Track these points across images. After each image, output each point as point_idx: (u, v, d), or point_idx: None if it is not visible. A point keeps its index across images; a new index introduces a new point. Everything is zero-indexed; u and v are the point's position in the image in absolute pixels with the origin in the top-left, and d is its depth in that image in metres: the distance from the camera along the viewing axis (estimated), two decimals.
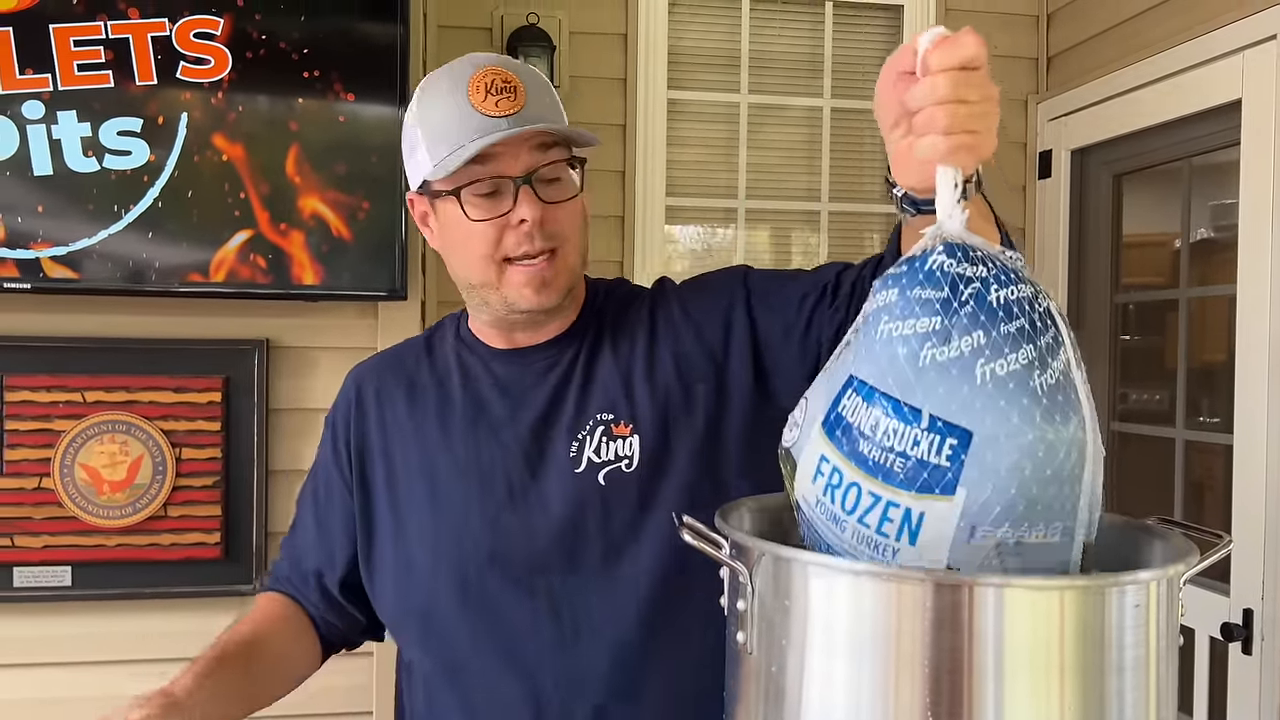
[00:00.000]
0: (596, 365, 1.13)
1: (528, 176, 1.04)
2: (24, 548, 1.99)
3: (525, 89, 1.04)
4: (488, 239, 1.06)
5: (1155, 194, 2.72)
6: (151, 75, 1.95)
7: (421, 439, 1.15)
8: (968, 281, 0.73)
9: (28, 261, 1.93)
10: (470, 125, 1.02)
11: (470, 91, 1.03)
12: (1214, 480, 2.41)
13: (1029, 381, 0.71)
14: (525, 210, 1.04)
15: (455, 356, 1.18)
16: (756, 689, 0.76)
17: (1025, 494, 0.70)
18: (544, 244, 1.06)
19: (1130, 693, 0.69)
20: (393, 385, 1.19)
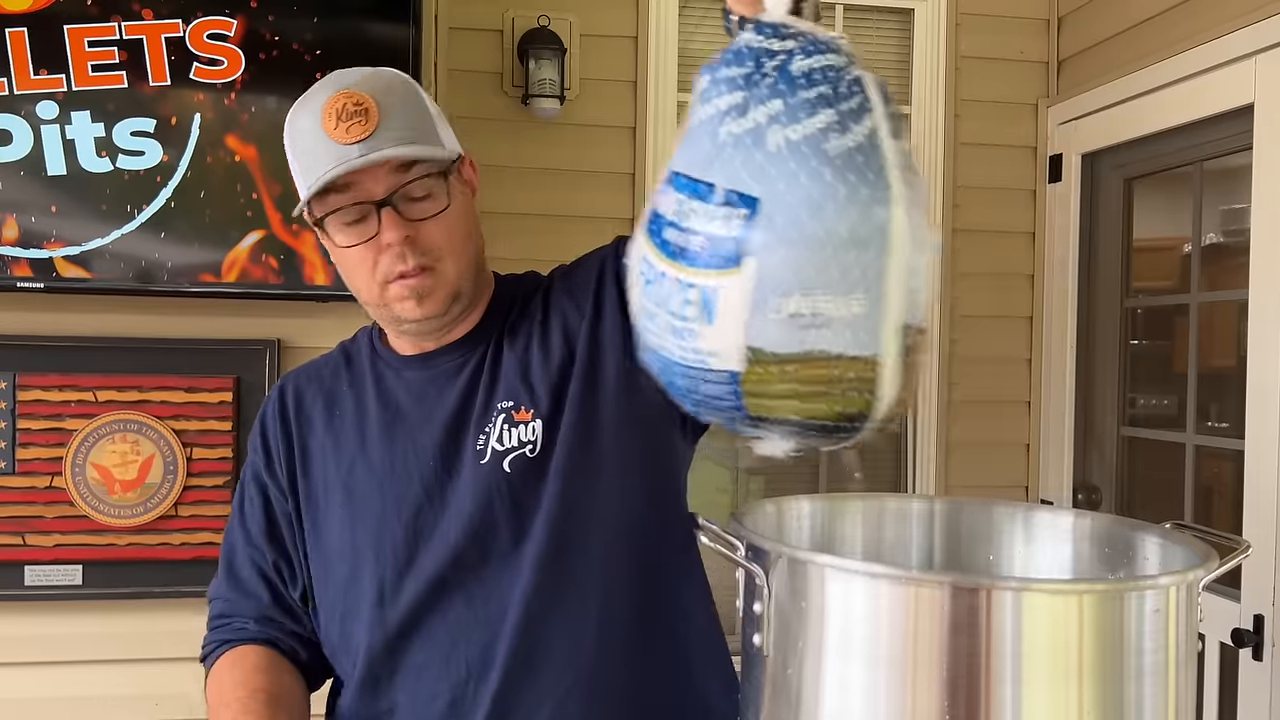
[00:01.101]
0: (501, 359, 1.14)
1: (388, 199, 1.03)
2: (35, 546, 1.99)
3: (379, 110, 1.02)
4: (364, 264, 1.06)
5: (1166, 198, 2.72)
6: (165, 76, 1.96)
7: (339, 452, 1.15)
8: (773, 55, 0.72)
9: (41, 261, 1.93)
10: (326, 154, 1.01)
11: (324, 118, 1.01)
12: (1224, 486, 2.41)
13: (823, 143, 0.69)
14: (389, 233, 1.03)
15: (370, 367, 1.19)
16: (772, 691, 0.76)
17: (816, 257, 0.68)
18: (418, 261, 1.05)
19: (1149, 698, 0.69)
20: (311, 400, 1.19)
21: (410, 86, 1.08)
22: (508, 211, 2.67)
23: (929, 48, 2.89)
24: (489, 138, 2.66)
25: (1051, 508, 0.94)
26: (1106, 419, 2.76)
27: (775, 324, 0.68)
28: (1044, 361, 2.92)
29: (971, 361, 2.92)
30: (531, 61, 2.58)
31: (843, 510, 0.97)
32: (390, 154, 1.01)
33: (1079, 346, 2.81)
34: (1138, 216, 2.73)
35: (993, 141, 2.91)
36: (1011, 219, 2.93)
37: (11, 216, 1.92)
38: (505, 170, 2.67)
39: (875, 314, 0.70)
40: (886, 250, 0.69)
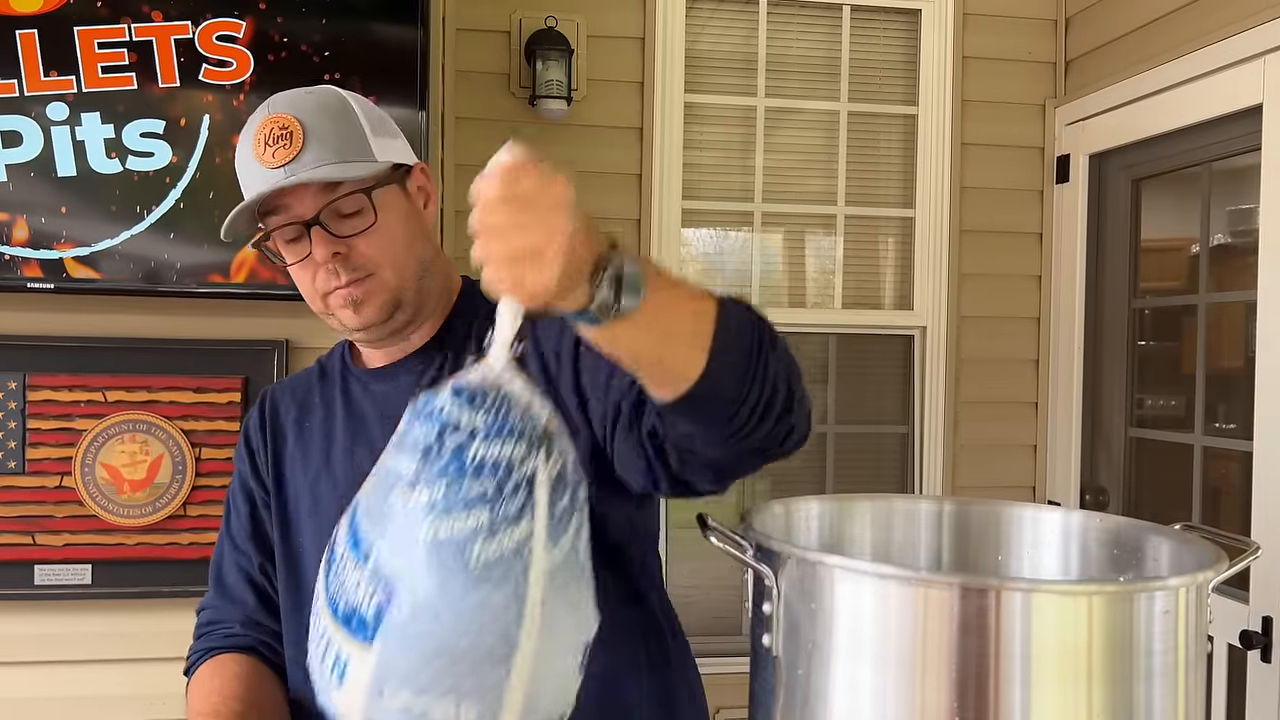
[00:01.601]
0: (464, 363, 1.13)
1: (315, 218, 1.05)
2: (45, 546, 2.00)
3: (304, 132, 1.04)
4: (304, 279, 1.09)
5: (1174, 199, 2.71)
6: (174, 77, 1.96)
7: (307, 463, 1.17)
8: (456, 430, 0.71)
9: (51, 262, 1.94)
10: (255, 178, 1.05)
11: (255, 144, 1.05)
12: (1232, 487, 2.40)
13: (467, 549, 0.67)
14: (318, 250, 1.05)
15: (340, 379, 1.21)
16: (781, 692, 0.76)
17: (432, 662, 0.67)
18: (349, 276, 1.07)
19: (1159, 699, 0.69)
20: (285, 411, 1.22)
21: (342, 104, 1.09)
22: None
23: (936, 48, 2.89)
24: (496, 139, 2.66)
25: (1060, 509, 0.94)
26: (1114, 420, 2.76)
27: (389, 711, 0.68)
28: (1051, 362, 2.91)
29: (978, 362, 2.92)
30: (539, 62, 2.58)
31: (851, 511, 0.97)
32: (305, 177, 1.03)
33: (1086, 347, 2.81)
34: (1145, 217, 2.73)
35: (1000, 142, 2.91)
36: (1019, 220, 2.93)
37: (22, 217, 1.93)
38: None
39: None
40: (509, 668, 0.68)
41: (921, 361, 2.91)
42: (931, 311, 2.90)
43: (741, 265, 2.91)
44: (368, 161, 1.07)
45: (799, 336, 2.90)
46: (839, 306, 2.92)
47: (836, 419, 2.92)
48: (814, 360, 2.93)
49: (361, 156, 1.06)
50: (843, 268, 2.93)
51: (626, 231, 2.74)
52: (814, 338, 2.91)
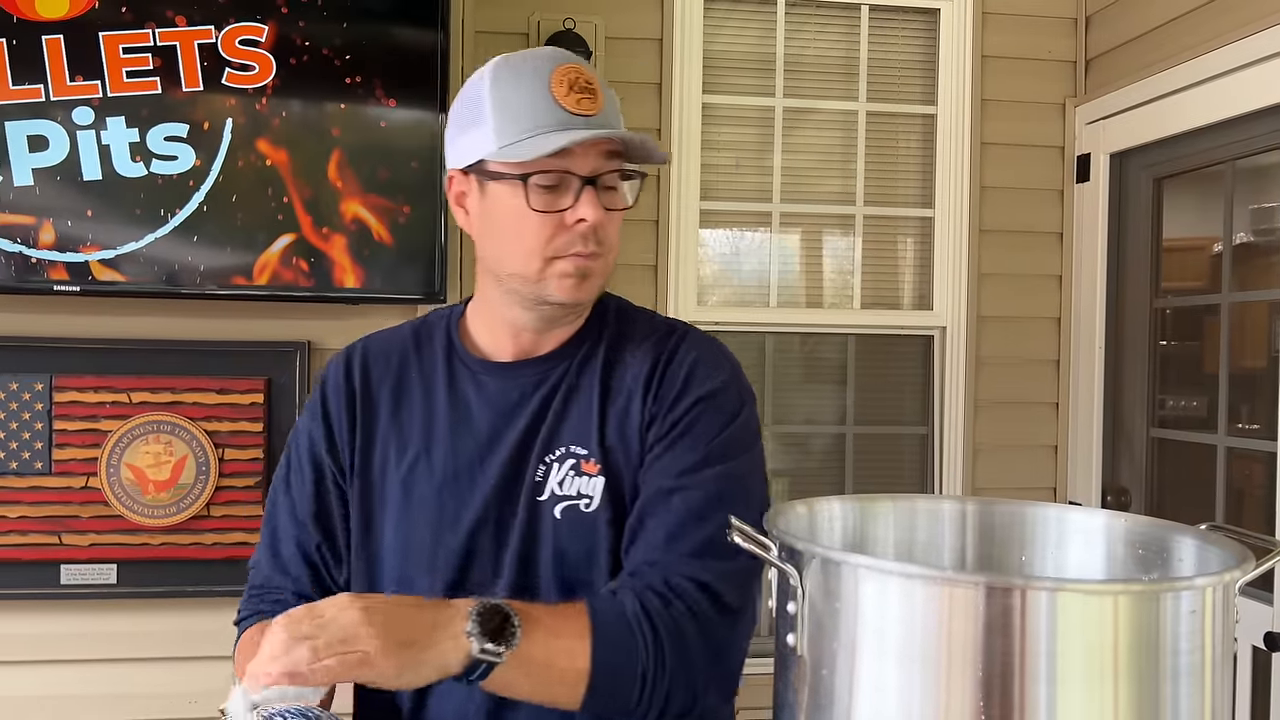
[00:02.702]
0: (582, 389, 1.10)
1: (593, 178, 1.03)
2: (71, 545, 2.02)
3: (602, 93, 1.04)
4: (541, 234, 1.03)
5: (1196, 198, 2.69)
6: (198, 81, 1.98)
7: (402, 446, 1.12)
8: None
9: (77, 264, 1.96)
10: (550, 116, 1.01)
11: (554, 83, 1.01)
12: (1256, 488, 2.38)
13: None
14: (586, 210, 1.02)
15: (444, 360, 1.15)
16: (806, 691, 0.77)
17: None
18: (594, 248, 1.04)
19: (1185, 699, 0.69)
20: (378, 381, 1.15)
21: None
22: None
23: (955, 47, 2.88)
24: None
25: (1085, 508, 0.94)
26: (1136, 420, 2.74)
27: None
28: (1072, 363, 2.90)
29: (998, 363, 2.90)
30: None
31: (874, 512, 0.97)
32: (625, 134, 1.02)
33: (1108, 347, 2.79)
34: (1167, 216, 2.71)
35: (1020, 141, 2.90)
36: (1039, 219, 2.92)
37: (49, 221, 1.95)
38: None
39: None
40: None
41: (941, 362, 2.90)
42: (951, 312, 2.89)
43: (759, 266, 2.91)
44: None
45: (817, 338, 2.90)
46: (858, 307, 2.92)
47: (855, 420, 2.91)
48: (832, 361, 2.93)
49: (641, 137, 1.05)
50: (861, 268, 2.92)
51: (644, 232, 2.74)
52: (832, 339, 2.91)
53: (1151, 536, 0.87)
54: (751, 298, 2.91)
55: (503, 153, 1.02)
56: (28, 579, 2.02)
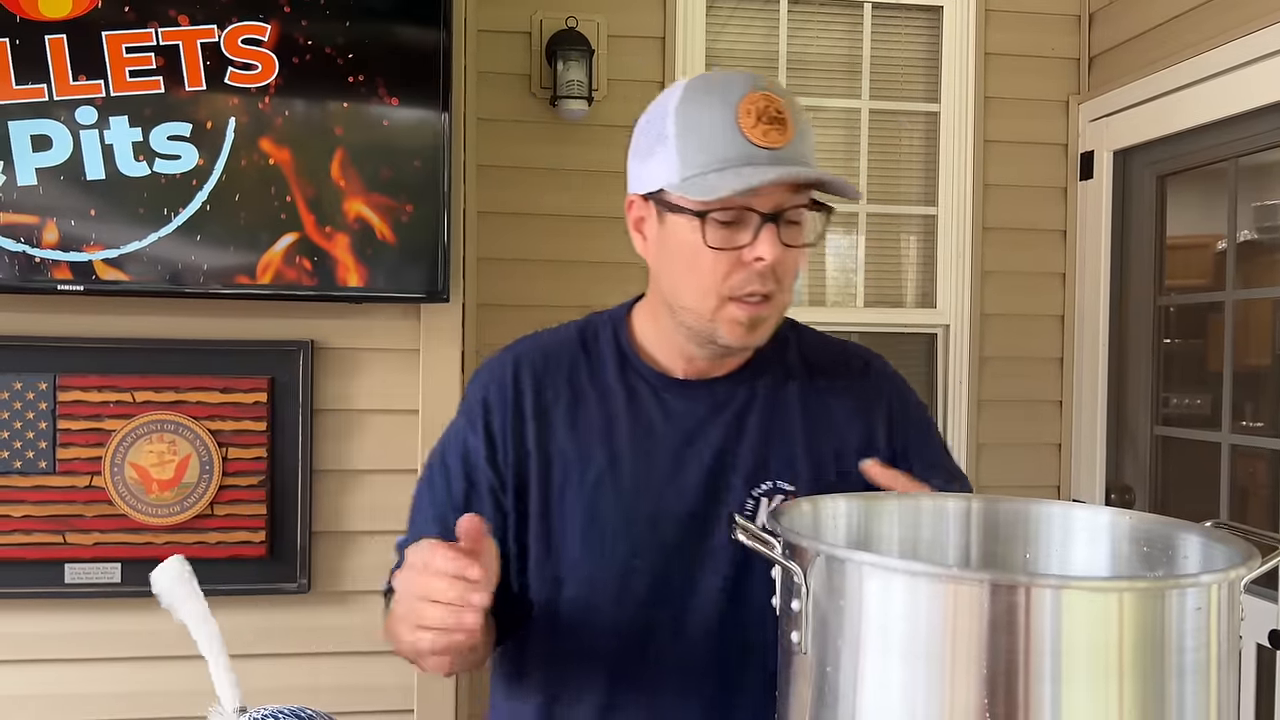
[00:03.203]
0: (780, 419, 1.10)
1: (775, 215, 0.99)
2: (75, 545, 2.03)
3: (793, 123, 0.99)
4: (716, 271, 1.00)
5: (1200, 195, 2.69)
6: (200, 81, 1.98)
7: (584, 464, 1.08)
8: None
9: (80, 264, 1.97)
10: (735, 149, 0.97)
11: (741, 112, 0.97)
12: (1260, 486, 2.38)
13: None
14: (765, 249, 0.98)
15: (618, 373, 1.11)
16: (810, 689, 0.76)
17: None
18: (771, 286, 1.01)
19: (1190, 698, 0.69)
20: (552, 396, 1.10)
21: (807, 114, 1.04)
22: (536, 212, 2.69)
23: (958, 44, 2.88)
24: (517, 139, 2.67)
25: (1090, 505, 0.94)
26: (1140, 418, 2.73)
27: None
28: (1075, 361, 2.90)
29: (1002, 361, 2.90)
30: (559, 63, 2.59)
31: (879, 509, 0.97)
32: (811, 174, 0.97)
33: (1111, 345, 2.79)
34: (1171, 214, 2.71)
35: (1023, 139, 2.89)
36: (1042, 217, 2.92)
37: (52, 220, 1.95)
38: (534, 171, 2.68)
39: None
40: None
41: (944, 360, 2.90)
42: (954, 310, 2.89)
43: None
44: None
45: None
46: (861, 305, 2.91)
47: None
48: None
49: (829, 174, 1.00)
50: (864, 266, 2.92)
51: None
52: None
53: (1156, 534, 0.87)
54: None
55: (684, 186, 0.99)
56: (32, 578, 2.02)
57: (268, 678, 2.10)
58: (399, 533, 2.22)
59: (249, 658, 2.09)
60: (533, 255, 2.68)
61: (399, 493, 2.15)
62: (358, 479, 2.16)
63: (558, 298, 2.69)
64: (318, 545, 2.13)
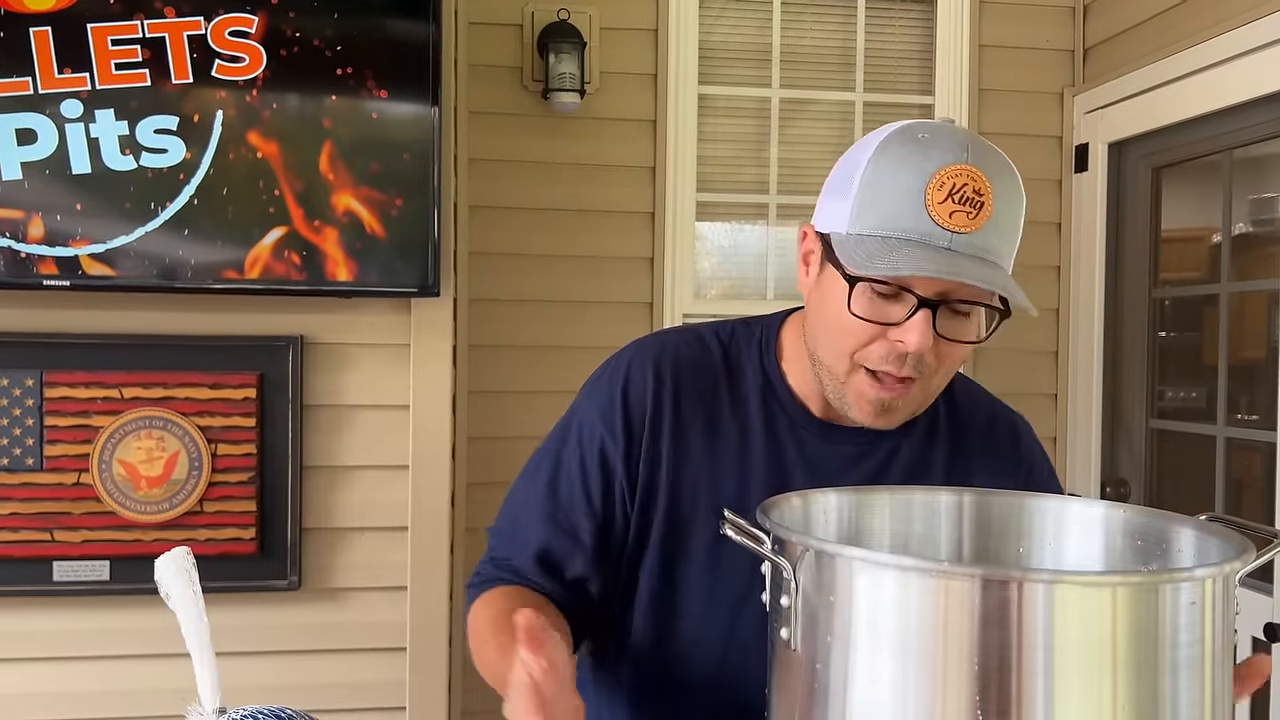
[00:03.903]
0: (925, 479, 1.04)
1: (937, 301, 0.91)
2: (64, 542, 2.01)
3: (992, 211, 0.89)
4: (857, 338, 0.93)
5: (1194, 187, 2.68)
6: (187, 73, 1.96)
7: (714, 488, 1.02)
8: None
9: (67, 259, 1.95)
10: (911, 219, 0.88)
11: (934, 183, 0.88)
12: (1254, 479, 2.37)
13: None
14: (912, 337, 0.91)
15: (760, 401, 1.05)
16: (800, 685, 0.75)
17: None
18: (910, 373, 0.93)
19: (1185, 692, 0.68)
20: (691, 410, 1.04)
21: (1021, 191, 0.94)
22: (528, 206, 2.67)
23: (952, 36, 2.86)
24: (509, 132, 2.66)
25: (1083, 499, 0.93)
26: (1135, 412, 2.73)
27: None
28: (1070, 354, 2.89)
29: (996, 354, 2.89)
30: (551, 55, 2.57)
31: (870, 504, 0.96)
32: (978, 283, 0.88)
33: (1106, 338, 2.78)
34: (1166, 207, 2.70)
35: (1017, 131, 2.88)
36: (1037, 209, 2.89)
37: (37, 215, 1.93)
38: (526, 165, 2.67)
39: None
40: None
41: None
42: None
43: (756, 259, 2.89)
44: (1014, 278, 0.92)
45: None
46: None
47: None
48: None
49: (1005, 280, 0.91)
50: None
51: (640, 224, 2.73)
52: None
53: (1150, 527, 0.86)
54: (749, 290, 2.89)
55: (847, 241, 0.92)
56: (19, 576, 2.00)
57: (259, 675, 2.09)
58: (390, 529, 2.22)
59: (240, 655, 2.08)
60: (524, 249, 2.67)
61: (390, 489, 2.16)
62: (348, 475, 2.14)
63: (550, 292, 2.67)
64: (308, 542, 2.12)
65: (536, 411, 2.63)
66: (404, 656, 2.14)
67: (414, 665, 2.14)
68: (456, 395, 2.54)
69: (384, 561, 2.15)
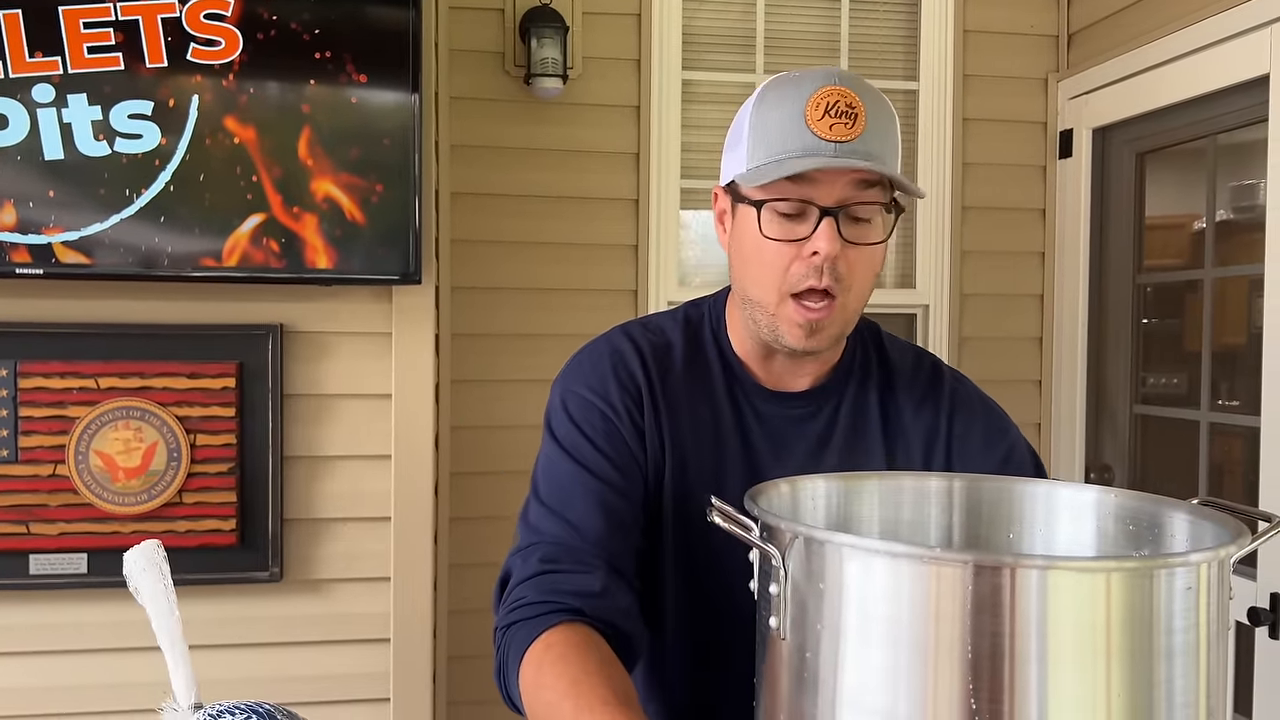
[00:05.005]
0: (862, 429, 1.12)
1: (837, 208, 0.99)
2: (40, 535, 1.98)
3: (866, 117, 0.98)
4: (776, 264, 1.01)
5: (1177, 174, 2.68)
6: (162, 57, 1.93)
7: (700, 464, 1.09)
8: None
9: (40, 247, 1.91)
10: (796, 140, 0.98)
11: (809, 106, 0.97)
12: (1236, 463, 2.38)
13: None
14: (822, 243, 0.99)
15: (722, 376, 1.13)
16: (789, 674, 0.74)
17: None
18: (830, 282, 1.00)
19: (1180, 678, 0.67)
20: (674, 386, 1.11)
21: (893, 111, 1.04)
22: (511, 193, 2.64)
23: (937, 22, 2.85)
24: (490, 118, 2.63)
25: (1074, 484, 0.92)
26: (1119, 397, 2.73)
27: None
28: (1055, 340, 2.89)
29: (981, 341, 2.89)
30: (533, 40, 2.54)
31: (859, 490, 0.95)
32: (869, 166, 0.96)
33: (1090, 324, 2.78)
34: (1149, 193, 2.70)
35: (1002, 117, 2.87)
36: (1021, 196, 2.90)
37: (9, 202, 1.90)
38: (508, 151, 2.64)
39: None
40: None
41: (924, 340, 2.88)
42: (933, 289, 2.87)
43: None
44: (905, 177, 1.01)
45: None
46: None
47: None
48: None
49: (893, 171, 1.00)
50: None
51: (624, 212, 2.71)
52: None
53: (1142, 512, 0.85)
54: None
55: (748, 175, 1.01)
56: None
57: (241, 668, 2.06)
58: (372, 519, 2.20)
59: (222, 648, 2.06)
60: (507, 237, 2.64)
61: (371, 479, 2.13)
62: (329, 465, 2.12)
63: (533, 280, 2.65)
64: (289, 533, 2.10)
65: (520, 400, 2.61)
66: (387, 648, 2.13)
67: (397, 656, 2.12)
68: (439, 384, 2.51)
69: (366, 552, 2.13)
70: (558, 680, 0.91)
